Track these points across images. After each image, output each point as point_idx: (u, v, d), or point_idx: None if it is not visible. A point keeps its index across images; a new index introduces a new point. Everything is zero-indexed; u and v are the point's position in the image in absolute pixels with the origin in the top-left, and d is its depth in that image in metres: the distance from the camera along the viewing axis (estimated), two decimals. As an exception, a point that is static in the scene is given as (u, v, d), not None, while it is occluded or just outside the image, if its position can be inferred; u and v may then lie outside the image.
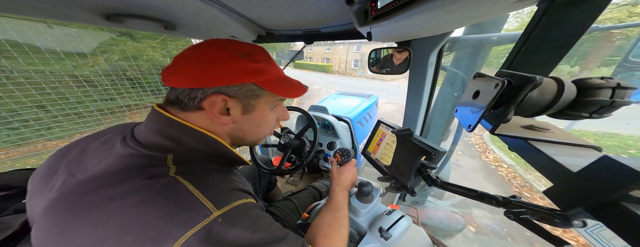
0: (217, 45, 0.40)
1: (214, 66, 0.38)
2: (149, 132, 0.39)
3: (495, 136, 0.36)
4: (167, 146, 0.38)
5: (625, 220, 0.22)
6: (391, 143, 0.75)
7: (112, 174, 0.33)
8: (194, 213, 0.30)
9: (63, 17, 0.64)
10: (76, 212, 0.30)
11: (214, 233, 0.29)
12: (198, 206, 0.31)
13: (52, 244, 0.30)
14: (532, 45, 0.41)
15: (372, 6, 0.43)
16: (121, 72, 2.06)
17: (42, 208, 0.33)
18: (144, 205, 0.30)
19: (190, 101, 0.39)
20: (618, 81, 0.28)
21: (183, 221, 0.29)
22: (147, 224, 0.29)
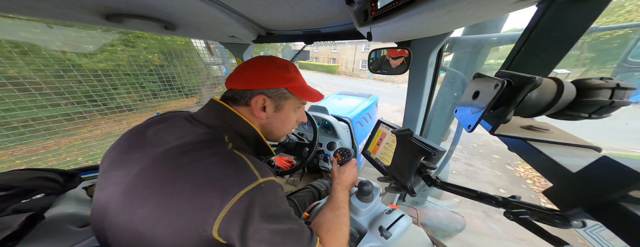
0: (263, 59, 0.56)
1: (260, 74, 0.54)
2: (210, 117, 0.53)
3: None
4: (224, 127, 0.52)
5: (624, 220, 0.22)
6: (391, 143, 0.75)
7: (194, 144, 0.45)
8: (248, 176, 0.41)
9: (63, 17, 0.64)
10: (173, 168, 0.41)
11: (258, 193, 0.40)
12: (250, 172, 0.42)
13: (156, 193, 0.39)
14: (532, 45, 0.41)
15: (372, 6, 0.43)
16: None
17: (139, 170, 0.42)
18: (218, 165, 0.41)
19: (242, 99, 0.55)
20: (617, 82, 0.28)
21: (241, 180, 0.40)
22: (220, 178, 0.40)
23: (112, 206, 0.42)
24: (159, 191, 0.39)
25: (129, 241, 0.40)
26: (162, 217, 0.38)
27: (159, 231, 0.38)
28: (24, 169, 0.68)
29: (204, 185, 0.39)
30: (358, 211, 0.73)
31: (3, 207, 0.54)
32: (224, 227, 0.37)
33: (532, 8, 0.41)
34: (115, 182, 0.43)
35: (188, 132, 0.48)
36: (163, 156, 0.43)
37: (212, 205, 0.37)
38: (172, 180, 0.39)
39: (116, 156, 0.48)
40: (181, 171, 0.40)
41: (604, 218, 0.24)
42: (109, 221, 0.42)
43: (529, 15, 0.42)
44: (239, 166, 0.42)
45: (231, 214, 0.37)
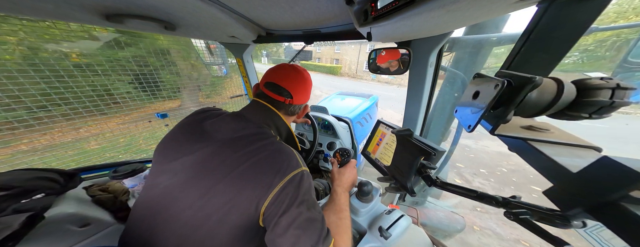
0: (308, 75, 0.68)
1: (309, 90, 0.70)
2: (258, 116, 0.62)
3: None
4: (269, 125, 0.62)
5: (625, 220, 0.22)
6: (391, 143, 0.75)
7: (253, 135, 0.55)
8: (296, 163, 0.52)
9: (63, 17, 0.64)
10: (240, 153, 0.50)
11: (303, 178, 0.50)
12: (297, 160, 0.53)
13: (226, 174, 0.47)
14: (532, 45, 0.41)
15: (372, 6, 0.43)
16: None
17: (207, 155, 0.51)
18: (275, 152, 0.52)
19: (296, 109, 0.69)
20: (617, 82, 0.28)
21: (292, 165, 0.50)
22: (277, 162, 0.50)
23: (183, 187, 0.49)
24: (231, 171, 0.47)
25: (189, 220, 0.46)
26: (232, 192, 0.45)
27: (225, 205, 0.45)
28: (24, 169, 0.68)
29: (265, 166, 0.48)
30: (358, 212, 0.72)
31: (3, 207, 0.54)
32: (273, 202, 0.45)
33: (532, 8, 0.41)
34: (181, 167, 0.51)
35: (243, 126, 0.57)
36: (230, 144, 0.52)
37: (269, 183, 0.46)
38: (241, 163, 0.48)
39: (177, 146, 0.56)
40: (247, 156, 0.49)
41: (604, 218, 0.24)
42: (174, 200, 0.48)
43: (529, 15, 0.42)
44: (289, 154, 0.53)
45: (281, 191, 0.46)
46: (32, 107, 1.53)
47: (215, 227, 0.45)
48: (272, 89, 0.63)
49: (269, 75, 0.65)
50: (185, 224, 0.46)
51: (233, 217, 0.45)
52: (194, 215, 0.46)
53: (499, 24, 1.26)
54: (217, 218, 0.45)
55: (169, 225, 0.48)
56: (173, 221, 0.47)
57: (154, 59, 2.19)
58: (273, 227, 0.44)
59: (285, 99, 0.63)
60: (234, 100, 2.83)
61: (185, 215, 0.46)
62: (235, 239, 0.47)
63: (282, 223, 0.43)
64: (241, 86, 2.69)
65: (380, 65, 0.91)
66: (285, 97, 0.63)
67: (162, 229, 0.48)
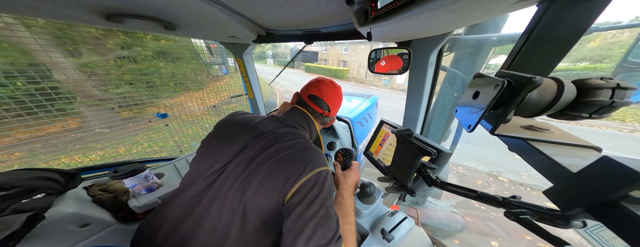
0: (340, 90, 0.78)
1: (340, 103, 0.80)
2: (296, 120, 0.70)
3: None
4: (304, 128, 0.71)
5: (625, 220, 0.22)
6: (394, 144, 0.75)
7: (291, 134, 0.64)
8: (323, 161, 0.58)
9: (63, 17, 0.64)
10: (281, 146, 0.59)
11: (328, 176, 0.55)
12: (325, 160, 0.59)
13: (269, 164, 0.55)
14: (532, 45, 0.41)
15: (372, 6, 0.43)
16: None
17: (258, 149, 0.59)
18: (307, 148, 0.60)
19: (328, 120, 0.79)
20: (618, 82, 0.28)
21: (320, 161, 0.57)
22: (309, 156, 0.57)
23: (231, 169, 0.57)
24: (269, 159, 0.55)
25: (231, 196, 0.53)
26: (270, 176, 0.52)
27: (261, 189, 0.51)
28: (24, 169, 0.68)
29: (298, 157, 0.56)
30: (360, 213, 0.72)
31: (3, 207, 0.54)
32: (299, 190, 0.50)
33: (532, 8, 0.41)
34: (236, 151, 0.60)
35: (284, 125, 0.67)
36: (274, 138, 0.61)
37: (301, 171, 0.52)
38: (279, 153, 0.56)
39: (232, 138, 0.64)
40: (284, 148, 0.58)
41: (604, 218, 0.24)
42: (222, 179, 0.56)
43: (530, 15, 0.42)
44: (319, 153, 0.60)
45: (308, 181, 0.51)
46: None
47: (246, 210, 0.52)
48: (315, 101, 0.73)
49: (313, 88, 0.74)
50: (226, 203, 0.53)
51: (262, 201, 0.51)
52: (234, 196, 0.53)
53: (499, 24, 1.26)
54: (251, 200, 0.51)
55: (213, 201, 0.54)
56: (218, 197, 0.54)
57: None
58: (293, 217, 0.47)
59: (324, 111, 0.73)
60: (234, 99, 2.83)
61: (229, 195, 0.53)
62: (261, 226, 0.53)
63: (304, 214, 0.46)
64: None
65: (381, 65, 0.91)
66: (324, 110, 0.73)
67: (206, 205, 0.54)
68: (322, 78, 0.75)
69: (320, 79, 0.75)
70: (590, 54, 20.28)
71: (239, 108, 2.89)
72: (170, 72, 2.79)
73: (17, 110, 1.45)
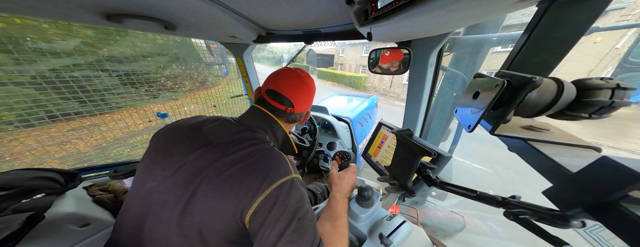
0: (312, 82, 0.67)
1: (313, 97, 0.69)
2: (255, 121, 0.61)
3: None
4: (265, 130, 0.61)
5: (624, 221, 0.22)
6: (392, 146, 0.74)
7: (246, 140, 0.54)
8: (286, 169, 0.50)
9: (63, 17, 0.64)
10: (231, 158, 0.49)
11: (293, 186, 0.47)
12: (287, 167, 0.51)
13: (214, 177, 0.46)
14: (532, 45, 0.41)
15: (372, 6, 0.43)
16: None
17: (202, 158, 0.49)
18: (265, 158, 0.50)
19: (299, 116, 0.69)
20: (618, 82, 0.28)
21: (281, 171, 0.48)
22: (265, 167, 0.48)
23: (169, 188, 0.48)
24: (218, 175, 0.46)
25: (174, 221, 0.44)
26: (217, 197, 0.44)
27: (208, 210, 0.43)
28: (24, 169, 0.68)
29: (252, 171, 0.46)
30: (357, 217, 0.70)
31: (3, 207, 0.54)
32: (258, 211, 0.42)
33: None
34: (176, 168, 0.49)
35: (238, 131, 0.57)
36: (222, 148, 0.51)
37: (257, 188, 0.44)
38: (229, 167, 0.47)
39: (172, 148, 0.54)
40: (236, 160, 0.48)
41: (603, 218, 0.24)
42: (159, 203, 0.47)
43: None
44: (280, 160, 0.51)
45: (268, 199, 0.43)
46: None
47: (203, 233, 0.43)
48: (273, 97, 0.62)
49: (271, 81, 0.63)
50: (172, 230, 0.44)
51: (216, 223, 0.43)
52: (181, 220, 0.44)
53: (499, 24, 1.26)
54: (203, 223, 0.43)
55: (156, 230, 0.46)
56: (161, 226, 0.46)
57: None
58: (260, 239, 0.41)
59: (286, 108, 0.62)
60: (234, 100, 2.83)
61: (173, 220, 0.44)
62: (229, 245, 0.45)
63: (270, 235, 0.40)
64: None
65: (381, 65, 0.91)
66: (286, 107, 0.62)
67: (149, 235, 0.46)
68: (286, 68, 0.64)
69: (283, 70, 0.64)
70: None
71: (239, 108, 2.88)
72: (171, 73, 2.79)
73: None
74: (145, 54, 2.48)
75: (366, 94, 2.70)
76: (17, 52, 1.56)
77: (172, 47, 2.77)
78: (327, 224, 0.57)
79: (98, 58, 2.02)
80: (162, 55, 2.72)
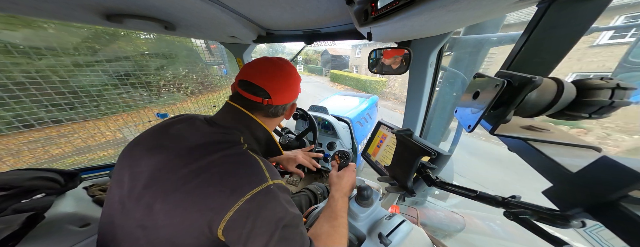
0: (292, 69, 0.58)
1: (296, 87, 0.61)
2: (228, 120, 0.55)
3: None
4: (240, 130, 0.54)
5: (624, 220, 0.22)
6: (392, 145, 0.74)
7: (213, 144, 0.48)
8: (259, 177, 0.43)
9: (64, 17, 0.64)
10: (194, 166, 0.42)
11: (268, 195, 0.42)
12: (262, 173, 0.44)
13: (175, 189, 0.40)
14: (532, 45, 0.41)
15: (372, 6, 0.43)
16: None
17: (161, 166, 0.44)
18: (234, 165, 0.44)
19: (283, 110, 0.61)
20: (617, 82, 0.28)
21: (252, 180, 0.42)
22: (234, 177, 0.42)
23: (131, 200, 0.43)
24: (178, 188, 0.40)
25: (141, 235, 0.41)
26: (178, 213, 0.39)
27: (172, 226, 0.39)
28: (24, 169, 0.68)
29: (218, 183, 0.40)
30: (357, 217, 0.70)
31: (3, 207, 0.54)
32: (230, 226, 0.38)
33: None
34: (136, 177, 0.44)
35: (207, 132, 0.51)
36: (185, 155, 0.45)
37: (223, 203, 0.38)
38: (191, 178, 0.41)
39: (139, 152, 0.48)
40: (200, 169, 0.42)
41: (603, 218, 0.24)
42: (124, 214, 0.43)
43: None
44: (252, 167, 0.45)
45: (239, 213, 0.38)
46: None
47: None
48: (247, 88, 0.54)
49: (244, 71, 0.55)
50: (141, 243, 0.41)
51: (187, 239, 0.39)
52: (147, 235, 0.40)
53: (499, 24, 1.26)
54: (174, 238, 0.39)
55: (124, 242, 0.43)
56: (127, 239, 0.42)
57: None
58: None
59: (263, 100, 0.54)
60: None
61: (139, 234, 0.41)
62: None
63: None
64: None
65: (382, 63, 0.91)
66: (262, 98, 0.54)
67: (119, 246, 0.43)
68: (262, 57, 0.58)
69: (257, 59, 0.58)
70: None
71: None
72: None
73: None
74: (141, 54, 2.45)
75: (366, 94, 2.70)
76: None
77: (163, 47, 2.72)
78: (325, 225, 0.56)
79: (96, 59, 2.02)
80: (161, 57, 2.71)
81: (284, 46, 33.12)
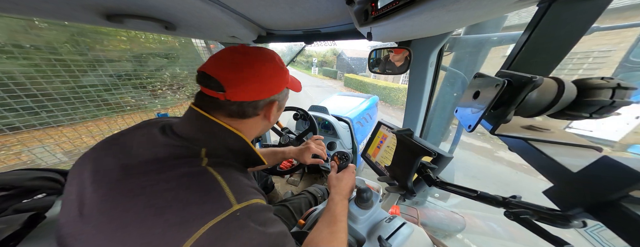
0: (267, 59, 0.46)
1: (272, 80, 0.47)
2: (187, 128, 0.44)
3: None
4: (203, 140, 0.43)
5: (625, 220, 0.22)
6: (392, 146, 0.74)
7: (161, 161, 0.38)
8: (218, 204, 0.34)
9: (64, 17, 0.64)
10: (135, 191, 0.34)
11: (232, 225, 0.33)
12: (222, 198, 0.35)
13: (113, 219, 0.32)
14: (533, 45, 0.41)
15: (373, 6, 0.43)
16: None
17: (103, 188, 0.36)
18: (183, 189, 0.34)
19: (254, 109, 0.47)
20: (618, 81, 0.28)
21: (207, 210, 0.33)
22: (183, 206, 0.32)
23: (69, 229, 0.35)
24: (116, 217, 0.32)
25: None
26: None
27: None
28: (25, 169, 0.68)
29: (163, 214, 0.31)
30: (356, 219, 0.69)
31: (4, 207, 0.54)
32: None
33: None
34: (76, 199, 0.36)
35: (159, 144, 0.41)
36: (128, 175, 0.36)
37: (167, 242, 0.30)
38: (132, 205, 0.32)
39: (85, 172, 0.39)
40: (142, 194, 0.33)
41: (604, 218, 0.24)
42: (69, 242, 0.35)
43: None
44: (208, 190, 0.35)
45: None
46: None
47: None
48: (202, 80, 0.43)
49: (205, 63, 0.45)
50: None
51: None
52: None
53: (499, 24, 1.26)
54: None
55: None
56: None
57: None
58: None
59: (217, 94, 0.42)
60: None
61: None
62: None
63: None
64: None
65: (383, 61, 0.92)
66: (216, 91, 0.42)
67: None
68: (228, 47, 0.47)
69: (223, 49, 0.47)
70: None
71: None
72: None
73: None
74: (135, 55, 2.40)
75: (366, 95, 2.70)
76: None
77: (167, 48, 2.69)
78: (325, 230, 0.54)
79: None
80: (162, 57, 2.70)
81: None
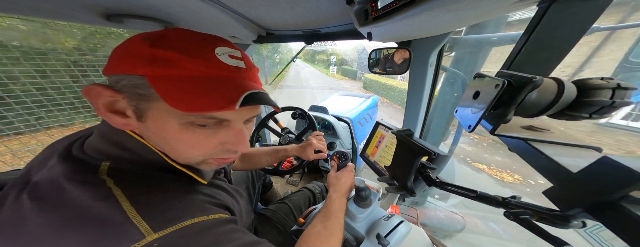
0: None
1: (116, 50, 0.30)
2: (95, 135, 0.34)
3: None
4: (108, 151, 0.32)
5: (624, 221, 0.22)
6: (390, 146, 0.74)
7: (46, 183, 0.28)
8: (116, 241, 0.24)
9: (64, 17, 0.64)
10: (13, 229, 0.25)
11: None
12: (125, 229, 0.25)
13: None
14: (533, 45, 0.41)
15: (373, 6, 0.43)
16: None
17: None
18: (63, 230, 0.24)
19: (116, 82, 0.31)
20: (618, 82, 0.28)
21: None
22: (67, 242, 0.23)
23: None
24: None
25: None
26: None
27: None
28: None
29: None
30: (355, 217, 0.70)
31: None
32: None
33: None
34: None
35: (53, 158, 0.31)
36: (15, 205, 0.27)
37: None
38: None
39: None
40: (17, 234, 0.24)
41: (604, 218, 0.24)
42: None
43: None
44: (100, 223, 0.24)
45: None
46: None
47: None
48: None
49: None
50: None
51: None
52: None
53: (499, 24, 1.26)
54: None
55: None
56: None
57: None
58: None
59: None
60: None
61: None
62: None
63: None
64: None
65: (384, 61, 0.92)
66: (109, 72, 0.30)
67: None
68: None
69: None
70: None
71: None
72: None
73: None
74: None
75: (366, 94, 2.70)
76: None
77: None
78: (318, 225, 0.56)
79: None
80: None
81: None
